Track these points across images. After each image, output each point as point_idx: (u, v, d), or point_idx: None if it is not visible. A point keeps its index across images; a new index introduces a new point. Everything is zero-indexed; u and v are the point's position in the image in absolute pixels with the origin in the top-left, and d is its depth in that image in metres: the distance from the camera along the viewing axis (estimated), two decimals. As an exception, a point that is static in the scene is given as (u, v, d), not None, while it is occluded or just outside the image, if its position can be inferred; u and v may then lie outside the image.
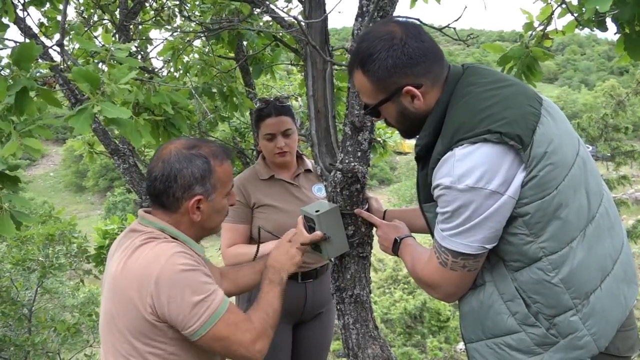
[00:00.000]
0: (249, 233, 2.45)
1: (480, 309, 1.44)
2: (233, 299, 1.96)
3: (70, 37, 3.07)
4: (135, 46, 3.37)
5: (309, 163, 2.62)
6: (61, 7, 2.66)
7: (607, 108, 7.67)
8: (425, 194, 1.46)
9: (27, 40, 1.81)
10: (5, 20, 1.64)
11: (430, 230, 1.54)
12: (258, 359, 1.59)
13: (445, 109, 1.40)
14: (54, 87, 2.21)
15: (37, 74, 1.54)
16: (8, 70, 1.41)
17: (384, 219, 2.04)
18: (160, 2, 3.34)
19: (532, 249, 1.31)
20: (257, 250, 2.11)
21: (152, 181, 1.56)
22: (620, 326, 1.39)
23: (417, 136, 1.48)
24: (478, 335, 1.47)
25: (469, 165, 1.27)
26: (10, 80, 1.31)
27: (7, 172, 1.30)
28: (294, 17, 2.06)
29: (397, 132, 4.00)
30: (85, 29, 2.91)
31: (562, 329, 1.34)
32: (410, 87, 1.40)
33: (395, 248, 1.78)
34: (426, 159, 1.42)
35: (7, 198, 1.29)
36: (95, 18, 3.22)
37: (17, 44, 1.34)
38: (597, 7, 1.41)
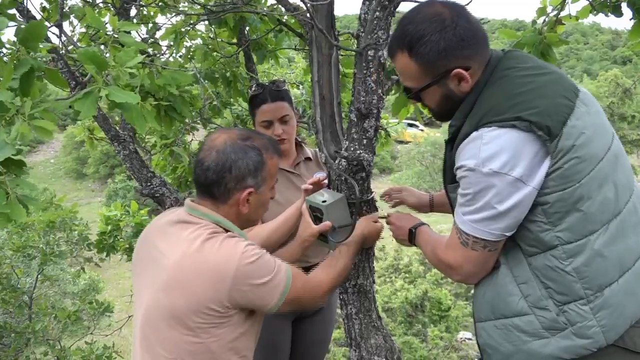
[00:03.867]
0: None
1: (493, 290, 1.46)
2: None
3: (71, 19, 3.02)
4: (141, 33, 3.31)
5: (309, 151, 2.57)
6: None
7: (612, 97, 7.70)
8: (451, 174, 1.46)
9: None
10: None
11: (453, 212, 1.53)
12: (324, 302, 1.76)
13: (481, 91, 1.39)
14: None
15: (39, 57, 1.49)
16: (9, 52, 1.36)
17: (431, 203, 2.09)
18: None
19: (549, 236, 1.32)
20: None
21: (205, 170, 1.55)
22: (637, 322, 1.38)
23: (452, 118, 1.46)
24: (487, 315, 1.49)
25: (495, 149, 1.28)
26: (15, 62, 1.27)
27: (12, 156, 1.25)
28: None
29: (400, 121, 3.98)
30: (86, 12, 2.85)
31: (571, 317, 1.35)
32: (459, 70, 1.39)
33: (411, 237, 1.78)
34: (455, 140, 1.41)
35: (15, 182, 1.26)
36: (98, 0, 3.16)
37: (23, 24, 1.28)
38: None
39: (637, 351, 1.38)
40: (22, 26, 1.39)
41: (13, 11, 1.67)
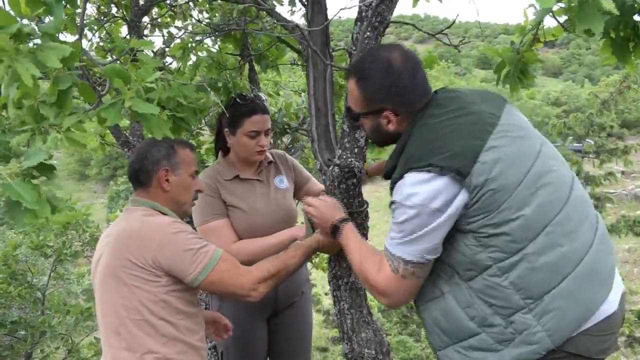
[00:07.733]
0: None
1: (443, 317, 1.59)
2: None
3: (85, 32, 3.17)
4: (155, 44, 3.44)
5: (269, 155, 2.57)
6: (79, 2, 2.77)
7: (590, 109, 8.02)
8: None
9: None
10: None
11: None
12: (254, 297, 1.88)
13: (410, 134, 1.60)
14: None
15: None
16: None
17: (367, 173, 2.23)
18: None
19: (482, 257, 1.48)
20: None
21: (130, 165, 1.97)
22: (587, 330, 1.48)
23: (389, 156, 1.68)
24: (445, 342, 1.61)
25: (416, 188, 1.48)
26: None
27: (44, 161, 1.39)
28: (297, 25, 2.18)
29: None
30: (101, 24, 3.01)
31: (518, 326, 1.47)
32: (389, 113, 1.63)
33: (334, 232, 1.92)
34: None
35: (45, 184, 1.40)
36: (114, 11, 3.28)
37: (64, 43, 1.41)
38: (591, 29, 1.50)
39: (591, 357, 1.49)
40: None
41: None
